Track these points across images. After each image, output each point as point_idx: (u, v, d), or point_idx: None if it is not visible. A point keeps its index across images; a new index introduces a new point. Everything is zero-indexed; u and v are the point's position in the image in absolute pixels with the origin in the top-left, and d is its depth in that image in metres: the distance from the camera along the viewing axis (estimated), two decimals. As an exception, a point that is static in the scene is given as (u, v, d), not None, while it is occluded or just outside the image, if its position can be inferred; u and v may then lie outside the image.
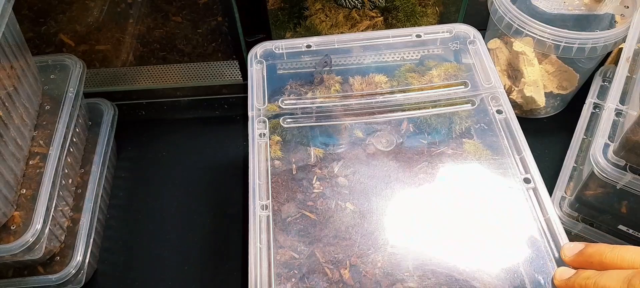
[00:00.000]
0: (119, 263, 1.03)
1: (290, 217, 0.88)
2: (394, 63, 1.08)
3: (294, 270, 0.83)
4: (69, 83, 1.02)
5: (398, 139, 0.97)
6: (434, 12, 1.18)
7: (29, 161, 0.94)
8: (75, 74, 1.03)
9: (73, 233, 0.97)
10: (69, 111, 0.99)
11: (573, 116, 1.09)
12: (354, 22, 1.14)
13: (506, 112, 0.92)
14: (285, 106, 0.98)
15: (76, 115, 1.02)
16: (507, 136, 0.91)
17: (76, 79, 1.03)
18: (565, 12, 1.12)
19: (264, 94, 1.05)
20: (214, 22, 1.22)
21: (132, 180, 1.16)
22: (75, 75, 1.03)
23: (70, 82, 1.02)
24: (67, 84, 1.02)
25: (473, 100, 0.98)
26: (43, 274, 0.94)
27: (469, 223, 0.87)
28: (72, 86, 1.02)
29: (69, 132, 0.98)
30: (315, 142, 0.96)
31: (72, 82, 1.02)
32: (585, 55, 1.03)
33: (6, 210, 0.86)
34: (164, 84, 1.23)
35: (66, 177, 0.98)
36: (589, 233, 0.89)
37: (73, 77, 1.03)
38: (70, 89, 1.01)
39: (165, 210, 1.10)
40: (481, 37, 1.00)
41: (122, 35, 1.22)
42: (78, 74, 1.04)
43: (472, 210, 0.89)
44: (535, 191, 0.81)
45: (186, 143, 1.22)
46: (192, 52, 1.23)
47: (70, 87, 1.02)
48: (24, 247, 0.83)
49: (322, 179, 0.92)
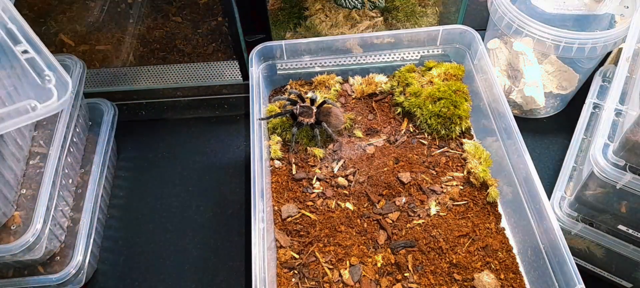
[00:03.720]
0: (119, 263, 1.03)
1: (291, 217, 0.88)
2: (394, 63, 1.08)
3: (294, 269, 0.83)
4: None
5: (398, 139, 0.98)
6: (433, 12, 1.18)
7: (29, 161, 0.94)
8: (76, 74, 1.03)
9: (73, 233, 0.97)
10: (69, 111, 0.99)
11: (573, 116, 1.09)
12: (354, 22, 1.14)
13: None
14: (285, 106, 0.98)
15: (76, 115, 1.02)
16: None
17: (76, 79, 1.03)
18: (565, 12, 1.12)
19: (265, 94, 1.06)
20: (214, 22, 1.22)
21: (132, 180, 1.16)
22: (75, 75, 1.03)
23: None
24: (68, 84, 1.02)
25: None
26: (43, 274, 0.93)
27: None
28: (72, 86, 1.01)
29: (69, 132, 0.98)
30: (315, 142, 0.96)
31: (72, 82, 1.02)
32: (585, 55, 1.03)
33: (6, 210, 0.86)
34: (164, 84, 1.23)
35: (66, 177, 0.98)
36: (589, 233, 0.89)
37: (73, 77, 1.03)
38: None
39: (166, 210, 1.10)
40: (480, 39, 1.00)
41: (123, 35, 1.22)
42: (78, 74, 1.04)
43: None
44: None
45: (186, 143, 1.22)
46: (192, 52, 1.23)
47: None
48: (24, 247, 0.83)
49: (322, 179, 0.92)
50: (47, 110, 0.68)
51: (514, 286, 0.80)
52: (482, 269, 0.82)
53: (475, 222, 0.87)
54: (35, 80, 0.69)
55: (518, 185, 0.86)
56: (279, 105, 1.01)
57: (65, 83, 0.70)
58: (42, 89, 0.69)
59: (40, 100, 0.68)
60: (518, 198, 0.86)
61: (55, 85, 0.69)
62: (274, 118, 0.97)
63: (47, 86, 0.69)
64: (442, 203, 0.88)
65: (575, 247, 0.94)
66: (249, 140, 0.86)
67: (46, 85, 0.69)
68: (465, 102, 0.98)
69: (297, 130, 0.95)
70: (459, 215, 0.88)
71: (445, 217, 0.87)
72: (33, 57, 0.70)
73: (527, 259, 0.83)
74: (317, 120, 0.95)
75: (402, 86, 1.02)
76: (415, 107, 0.98)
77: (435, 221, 0.86)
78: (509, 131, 0.89)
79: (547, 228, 0.78)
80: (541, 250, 0.79)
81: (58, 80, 0.70)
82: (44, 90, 0.69)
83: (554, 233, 0.77)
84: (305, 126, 0.96)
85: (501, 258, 0.83)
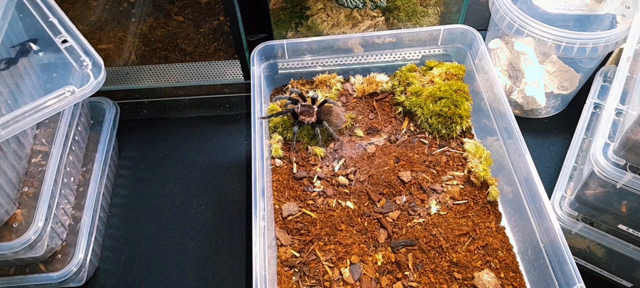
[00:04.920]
0: (120, 261, 1.04)
1: (291, 215, 0.88)
2: (395, 63, 1.08)
3: (294, 268, 0.83)
4: (71, 82, 1.03)
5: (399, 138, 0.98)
6: (435, 12, 1.18)
7: (31, 159, 0.94)
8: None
9: (75, 231, 0.97)
10: (71, 110, 0.99)
11: (573, 116, 1.10)
12: (355, 21, 1.14)
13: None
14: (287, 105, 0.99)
15: (78, 114, 1.02)
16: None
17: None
18: (566, 13, 1.12)
19: (266, 93, 1.06)
20: (216, 21, 1.22)
21: (133, 178, 1.17)
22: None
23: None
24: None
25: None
26: (45, 272, 0.94)
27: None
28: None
29: (71, 130, 0.99)
30: (316, 141, 0.96)
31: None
32: (586, 56, 1.03)
33: (8, 208, 0.86)
34: (165, 83, 1.24)
35: (68, 175, 0.98)
36: (589, 232, 0.89)
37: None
38: (72, 88, 1.02)
39: (167, 208, 1.11)
40: (482, 38, 1.00)
41: (125, 34, 1.22)
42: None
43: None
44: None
45: (188, 142, 1.22)
46: (194, 51, 1.24)
47: (73, 85, 1.02)
48: (26, 245, 0.84)
49: (322, 178, 0.93)
50: (84, 93, 0.75)
51: (514, 285, 0.80)
52: (482, 268, 0.82)
53: (476, 221, 0.87)
54: (73, 66, 0.77)
55: (518, 185, 0.86)
56: (280, 104, 1.01)
57: (99, 66, 0.77)
58: (79, 73, 0.76)
59: (77, 84, 0.75)
60: (518, 197, 0.86)
61: (91, 69, 0.76)
62: (275, 117, 0.97)
63: (85, 71, 0.76)
64: (443, 202, 0.89)
65: (576, 246, 0.94)
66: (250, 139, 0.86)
67: (84, 70, 0.76)
68: (466, 101, 0.98)
69: (298, 129, 0.95)
70: (459, 214, 0.88)
71: (445, 216, 0.87)
72: (71, 45, 0.79)
73: (527, 258, 0.83)
74: (318, 119, 0.96)
75: (403, 85, 1.02)
76: (416, 107, 0.98)
77: (435, 220, 0.86)
78: (509, 131, 0.89)
79: (547, 227, 0.78)
80: (541, 249, 0.79)
81: (93, 64, 0.77)
82: (81, 75, 0.76)
83: (554, 233, 0.77)
84: (307, 125, 0.96)
85: (501, 257, 0.83)
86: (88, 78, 0.75)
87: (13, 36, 0.85)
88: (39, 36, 0.83)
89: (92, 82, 0.74)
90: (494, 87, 0.95)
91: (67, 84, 0.75)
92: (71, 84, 0.73)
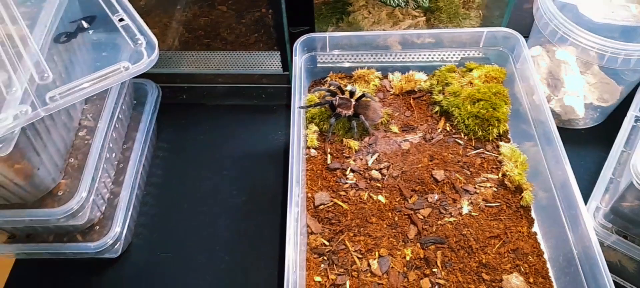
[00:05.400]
0: (152, 238, 1.07)
1: (323, 205, 0.90)
2: (434, 63, 1.09)
3: (323, 255, 0.84)
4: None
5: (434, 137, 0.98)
6: (477, 15, 1.18)
7: (78, 132, 0.98)
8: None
9: (113, 205, 1.01)
10: (117, 89, 1.03)
11: (612, 129, 1.08)
12: (396, 20, 1.15)
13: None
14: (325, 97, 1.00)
15: (124, 94, 1.06)
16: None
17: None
18: (612, 22, 1.10)
19: (305, 85, 1.07)
20: (258, 13, 1.25)
21: (169, 160, 1.20)
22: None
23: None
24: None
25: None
26: (82, 242, 0.97)
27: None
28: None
29: (117, 108, 1.02)
30: (351, 134, 0.97)
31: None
32: (631, 67, 1.02)
33: (55, 176, 0.90)
34: (206, 70, 1.27)
35: (110, 151, 1.02)
36: (622, 245, 0.88)
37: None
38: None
39: (200, 191, 1.13)
40: (525, 43, 1.00)
41: (170, 20, 1.26)
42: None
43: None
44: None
45: (223, 129, 1.25)
46: (235, 40, 1.26)
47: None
48: (68, 213, 0.87)
49: (355, 171, 0.94)
50: (138, 70, 0.78)
51: (543, 291, 0.80)
52: (511, 271, 0.81)
53: (507, 224, 0.87)
54: (126, 44, 0.81)
55: (554, 191, 0.86)
56: (319, 96, 1.02)
57: (153, 44, 0.80)
58: (129, 52, 0.80)
59: (131, 61, 0.78)
60: (553, 204, 0.85)
61: (145, 48, 0.80)
62: (313, 107, 0.99)
63: (139, 49, 0.79)
64: (475, 203, 0.89)
65: (607, 259, 0.91)
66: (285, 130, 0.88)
67: (138, 48, 0.79)
68: (504, 105, 0.97)
69: (335, 121, 0.96)
70: (491, 216, 0.88)
71: (477, 217, 0.87)
72: (128, 24, 0.82)
73: (558, 265, 0.82)
74: (355, 112, 0.97)
75: (442, 85, 1.02)
76: (454, 107, 0.98)
77: (466, 220, 0.87)
78: (549, 137, 0.89)
79: (582, 235, 0.78)
80: (574, 257, 0.79)
81: (148, 43, 0.80)
82: (135, 52, 0.79)
83: (589, 241, 0.76)
84: (343, 118, 0.97)
85: (531, 262, 0.83)
86: (140, 56, 0.77)
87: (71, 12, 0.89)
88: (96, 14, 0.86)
89: (145, 59, 0.77)
90: (534, 93, 0.94)
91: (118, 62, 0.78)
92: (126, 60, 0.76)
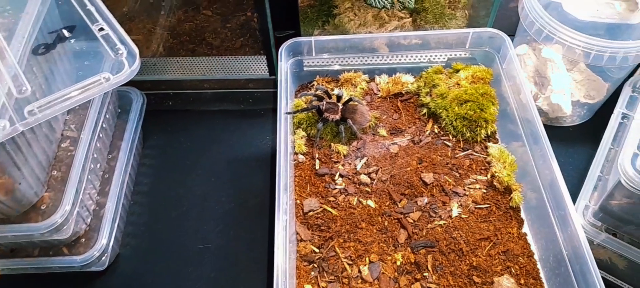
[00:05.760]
0: (141, 248, 1.05)
1: (312, 211, 0.89)
2: (421, 64, 1.08)
3: (313, 263, 0.83)
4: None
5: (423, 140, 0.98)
6: (463, 15, 1.18)
7: (60, 144, 0.97)
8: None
9: (98, 216, 0.99)
10: (100, 98, 1.01)
11: (599, 126, 1.08)
12: (382, 22, 1.14)
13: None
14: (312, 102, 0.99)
15: (107, 102, 1.04)
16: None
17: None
18: (597, 20, 1.10)
19: (291, 89, 1.06)
20: (243, 17, 1.23)
21: (156, 168, 1.18)
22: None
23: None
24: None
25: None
26: (68, 255, 0.96)
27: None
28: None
29: (100, 118, 1.01)
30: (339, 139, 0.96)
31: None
32: (616, 65, 1.02)
33: (38, 190, 0.88)
34: (191, 76, 1.26)
35: (95, 161, 1.00)
36: (612, 244, 0.88)
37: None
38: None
39: (188, 199, 1.12)
40: (511, 43, 1.00)
41: (154, 26, 1.24)
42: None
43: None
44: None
45: (211, 134, 1.24)
46: (221, 45, 1.25)
47: (103, 74, 1.04)
48: (52, 227, 0.86)
49: (344, 176, 0.93)
50: (119, 80, 0.77)
51: (535, 292, 0.80)
52: (502, 273, 0.81)
53: (497, 226, 0.86)
54: (108, 54, 0.79)
55: (543, 191, 0.86)
56: (305, 100, 1.01)
57: (134, 54, 0.79)
58: (112, 62, 0.78)
59: (112, 71, 0.77)
60: (542, 204, 0.85)
61: (126, 57, 0.78)
62: (300, 113, 0.98)
63: (120, 59, 0.78)
64: (464, 205, 0.88)
65: (597, 257, 0.92)
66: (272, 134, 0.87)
67: (119, 58, 0.78)
68: (492, 105, 0.97)
69: (322, 125, 0.95)
70: (480, 218, 0.87)
71: (466, 220, 0.87)
72: (108, 33, 0.81)
73: (548, 266, 0.82)
74: (343, 116, 0.96)
75: (429, 87, 1.02)
76: (441, 109, 0.98)
77: (456, 223, 0.86)
78: (536, 137, 0.89)
79: (572, 235, 0.78)
80: (564, 258, 0.79)
81: (129, 52, 0.79)
82: (113, 63, 0.78)
83: (578, 241, 0.76)
84: (331, 122, 0.97)
85: (522, 264, 0.82)
86: (121, 66, 0.76)
87: (50, 23, 0.87)
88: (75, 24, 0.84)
89: (126, 69, 0.76)
90: (521, 93, 0.94)
91: (100, 71, 0.76)
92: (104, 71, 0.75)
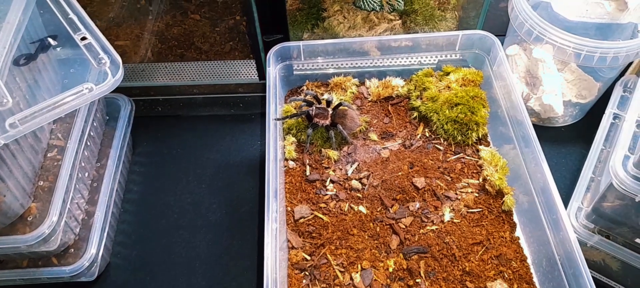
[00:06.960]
0: (131, 257, 1.04)
1: (303, 218, 0.88)
2: (412, 67, 1.08)
3: (305, 271, 0.83)
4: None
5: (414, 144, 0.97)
6: (453, 16, 1.17)
7: (47, 154, 0.95)
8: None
9: (87, 226, 0.98)
10: (87, 105, 1.00)
11: (591, 126, 1.08)
12: (372, 24, 1.13)
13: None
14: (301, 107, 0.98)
15: (94, 110, 1.03)
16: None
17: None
18: (587, 21, 1.10)
19: (281, 94, 1.06)
20: (232, 21, 1.22)
21: (146, 175, 1.17)
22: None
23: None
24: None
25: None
26: (57, 266, 0.94)
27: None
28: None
29: (87, 126, 0.99)
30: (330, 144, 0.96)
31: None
32: (607, 65, 1.02)
33: (24, 201, 0.87)
34: (180, 81, 1.24)
35: (83, 170, 0.99)
36: (605, 245, 0.88)
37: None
38: (89, 84, 1.02)
39: (179, 206, 1.11)
40: (500, 45, 0.99)
41: (141, 31, 1.23)
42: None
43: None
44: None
45: (201, 140, 1.23)
46: (210, 50, 1.24)
47: (89, 81, 1.03)
48: (40, 238, 0.84)
49: (335, 181, 0.92)
50: (102, 91, 0.75)
51: (528, 297, 0.79)
52: (495, 278, 0.81)
53: (490, 230, 0.86)
54: (91, 64, 0.78)
55: (535, 195, 0.85)
56: (295, 105, 1.01)
57: (117, 64, 0.78)
58: (97, 70, 0.77)
59: (95, 81, 0.76)
60: (534, 207, 0.85)
61: (109, 67, 0.77)
62: (289, 119, 0.97)
63: (103, 69, 0.77)
64: (457, 210, 0.88)
65: (591, 259, 0.93)
66: (264, 139, 0.85)
67: (102, 68, 0.77)
68: (482, 108, 0.97)
69: (312, 131, 0.95)
70: (473, 222, 0.87)
71: (459, 224, 0.86)
72: (90, 42, 0.79)
73: (541, 270, 0.82)
74: (333, 122, 0.95)
75: (419, 90, 1.01)
76: (432, 112, 0.97)
77: (448, 228, 0.86)
78: (526, 139, 0.88)
79: (564, 239, 0.77)
80: (557, 261, 0.78)
81: (112, 62, 0.78)
82: (99, 72, 0.77)
83: (570, 245, 0.76)
84: (321, 127, 0.96)
85: (515, 268, 0.82)
86: (106, 76, 0.75)
87: (33, 32, 0.86)
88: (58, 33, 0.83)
89: (109, 80, 0.75)
90: (511, 94, 0.93)
91: (85, 80, 0.75)
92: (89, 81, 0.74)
